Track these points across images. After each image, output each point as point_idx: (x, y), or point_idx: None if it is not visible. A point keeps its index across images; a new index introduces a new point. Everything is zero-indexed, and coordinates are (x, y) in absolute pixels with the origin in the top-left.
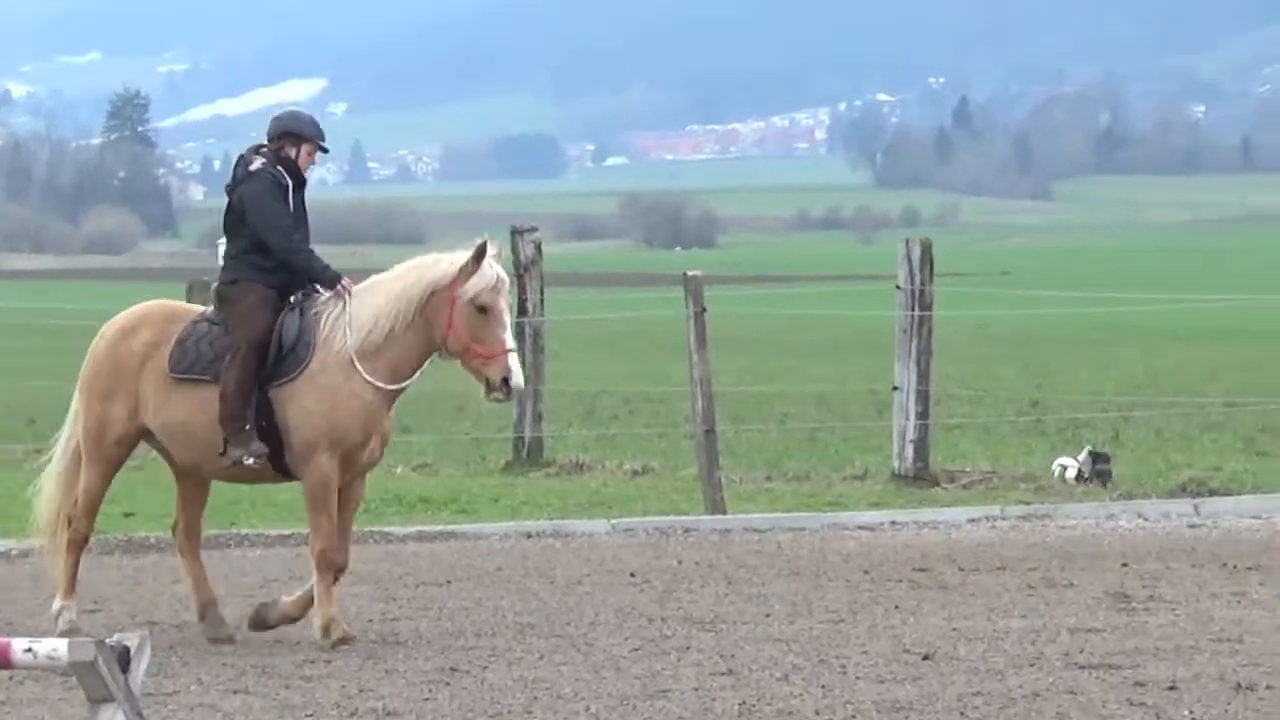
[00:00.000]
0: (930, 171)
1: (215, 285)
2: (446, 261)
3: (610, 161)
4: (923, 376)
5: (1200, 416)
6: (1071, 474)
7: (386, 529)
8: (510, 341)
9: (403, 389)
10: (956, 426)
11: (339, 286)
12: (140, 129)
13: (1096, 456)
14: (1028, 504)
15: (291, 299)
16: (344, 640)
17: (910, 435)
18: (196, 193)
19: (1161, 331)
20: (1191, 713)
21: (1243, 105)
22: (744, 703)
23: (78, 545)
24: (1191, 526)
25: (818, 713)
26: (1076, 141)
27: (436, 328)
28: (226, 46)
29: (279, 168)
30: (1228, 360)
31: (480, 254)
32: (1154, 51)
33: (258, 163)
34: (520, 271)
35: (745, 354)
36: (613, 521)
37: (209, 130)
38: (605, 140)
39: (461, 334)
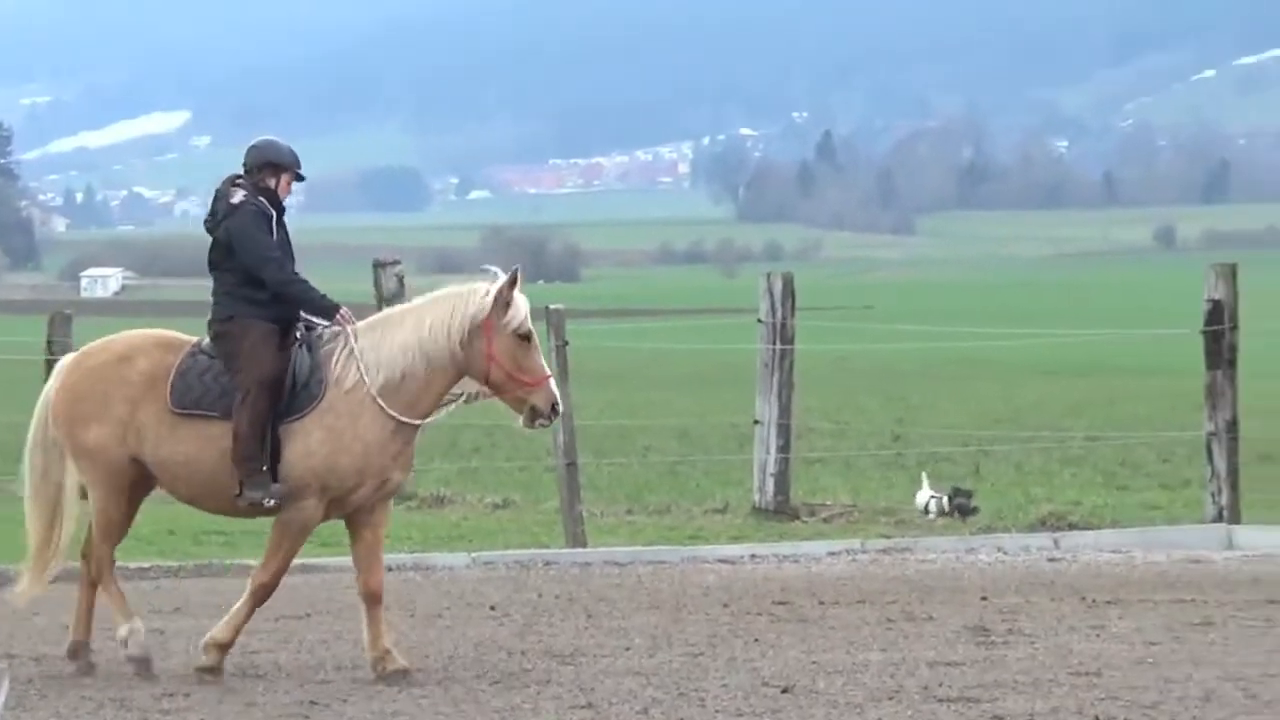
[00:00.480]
0: (793, 205)
1: (210, 320)
2: (481, 293)
3: (473, 195)
4: (784, 410)
5: (1061, 451)
6: (924, 498)
7: (246, 562)
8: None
9: (426, 423)
10: (818, 460)
11: (339, 316)
12: (2, 161)
13: (957, 491)
14: (888, 537)
15: (297, 334)
16: (211, 670)
17: (771, 469)
18: (59, 225)
19: (1023, 366)
20: None
21: (1105, 140)
22: None
23: (104, 573)
24: (1051, 560)
25: None
26: (939, 176)
27: (475, 361)
28: (89, 79)
29: (260, 198)
30: (1089, 395)
31: (514, 282)
32: (1017, 85)
33: (239, 195)
34: (384, 303)
35: (608, 387)
36: (473, 554)
37: (72, 163)
38: (468, 174)
39: (505, 364)
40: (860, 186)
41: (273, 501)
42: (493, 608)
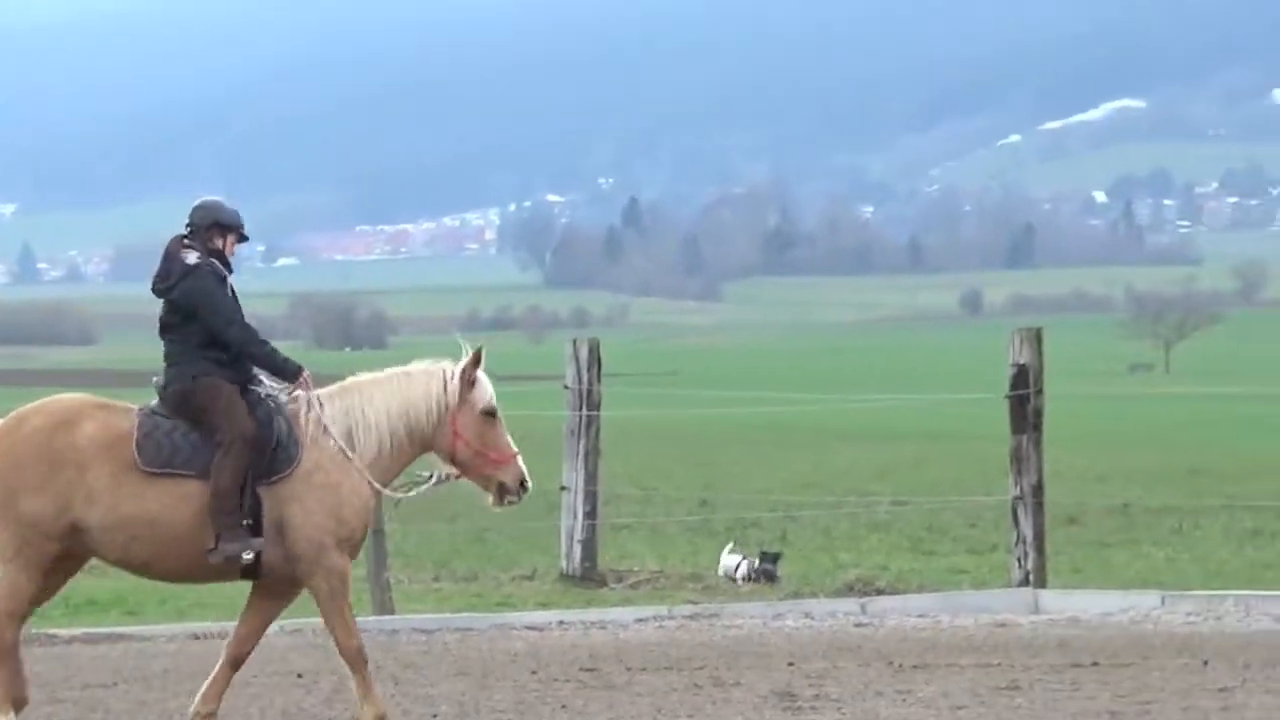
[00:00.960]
0: (600, 272)
1: (167, 382)
2: (448, 372)
3: (281, 262)
4: (590, 476)
5: (868, 515)
6: (730, 564)
7: (52, 631)
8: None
9: (387, 495)
10: (625, 526)
11: (301, 380)
12: None
13: (764, 556)
14: (695, 603)
15: (262, 393)
16: None
17: (578, 535)
18: None
19: (831, 431)
20: None
21: (911, 205)
22: None
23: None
24: (858, 625)
25: None
26: (745, 242)
27: (441, 438)
28: None
29: (212, 259)
30: (896, 460)
31: (478, 360)
32: (822, 151)
33: (193, 256)
34: None
35: None
36: (281, 623)
37: None
38: (276, 241)
39: (472, 442)
40: (667, 253)
41: (250, 555)
42: (300, 675)
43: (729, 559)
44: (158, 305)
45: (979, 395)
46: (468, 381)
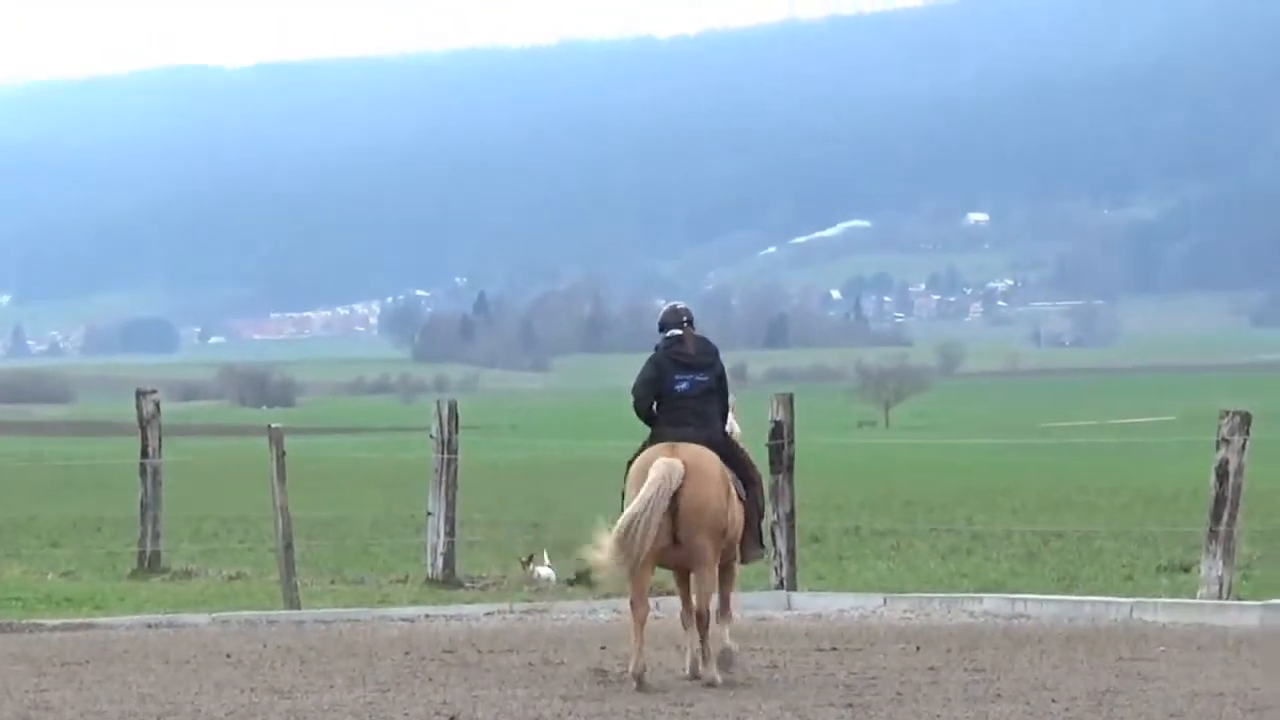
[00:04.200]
0: (457, 349)
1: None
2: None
3: (213, 340)
4: (450, 504)
5: None
6: (543, 574)
7: (39, 620)
8: None
9: None
10: (476, 542)
11: None
12: None
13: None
14: (530, 601)
15: None
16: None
17: (440, 549)
18: None
19: (619, 469)
20: None
21: (692, 298)
22: None
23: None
24: (655, 618)
25: None
26: (568, 326)
27: None
28: None
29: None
30: None
31: None
32: (625, 257)
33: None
34: (144, 424)
35: (317, 487)
36: (213, 615)
37: None
38: (209, 324)
39: None
40: (508, 334)
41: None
42: (229, 655)
43: (544, 570)
44: (120, 372)
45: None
46: None
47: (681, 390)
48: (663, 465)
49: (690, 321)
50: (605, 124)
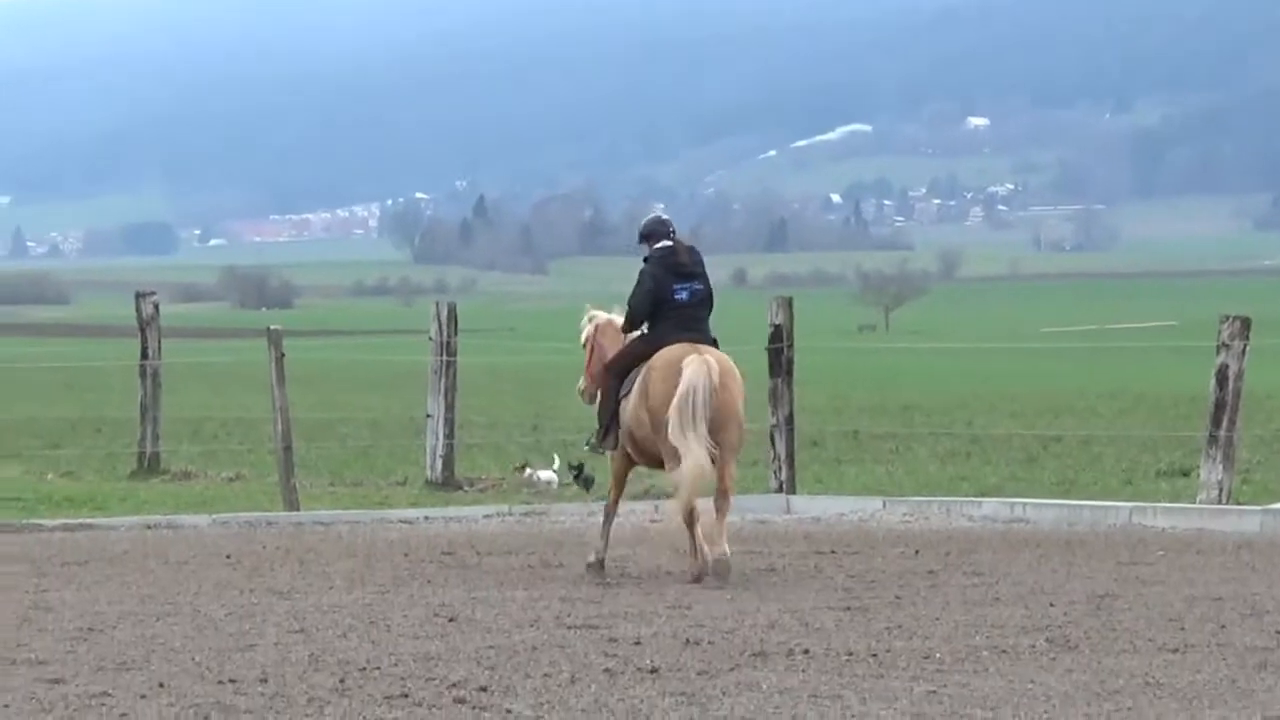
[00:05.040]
0: (456, 252)
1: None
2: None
3: (212, 243)
4: (449, 407)
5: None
6: (543, 477)
7: (39, 521)
8: None
9: None
10: (475, 445)
11: None
12: None
13: (579, 467)
14: (529, 504)
15: None
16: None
17: (440, 452)
18: None
19: None
20: (652, 662)
21: (692, 204)
22: (312, 654)
23: None
24: (653, 521)
25: (369, 662)
26: (567, 231)
27: None
28: None
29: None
30: None
31: None
32: (624, 162)
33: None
34: (143, 326)
35: (316, 389)
36: (213, 516)
37: None
38: (208, 226)
39: None
40: (507, 238)
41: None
42: (228, 556)
43: (544, 473)
44: (120, 275)
45: (745, 348)
46: None
47: (681, 300)
48: (699, 361)
49: (674, 231)
50: (604, 28)
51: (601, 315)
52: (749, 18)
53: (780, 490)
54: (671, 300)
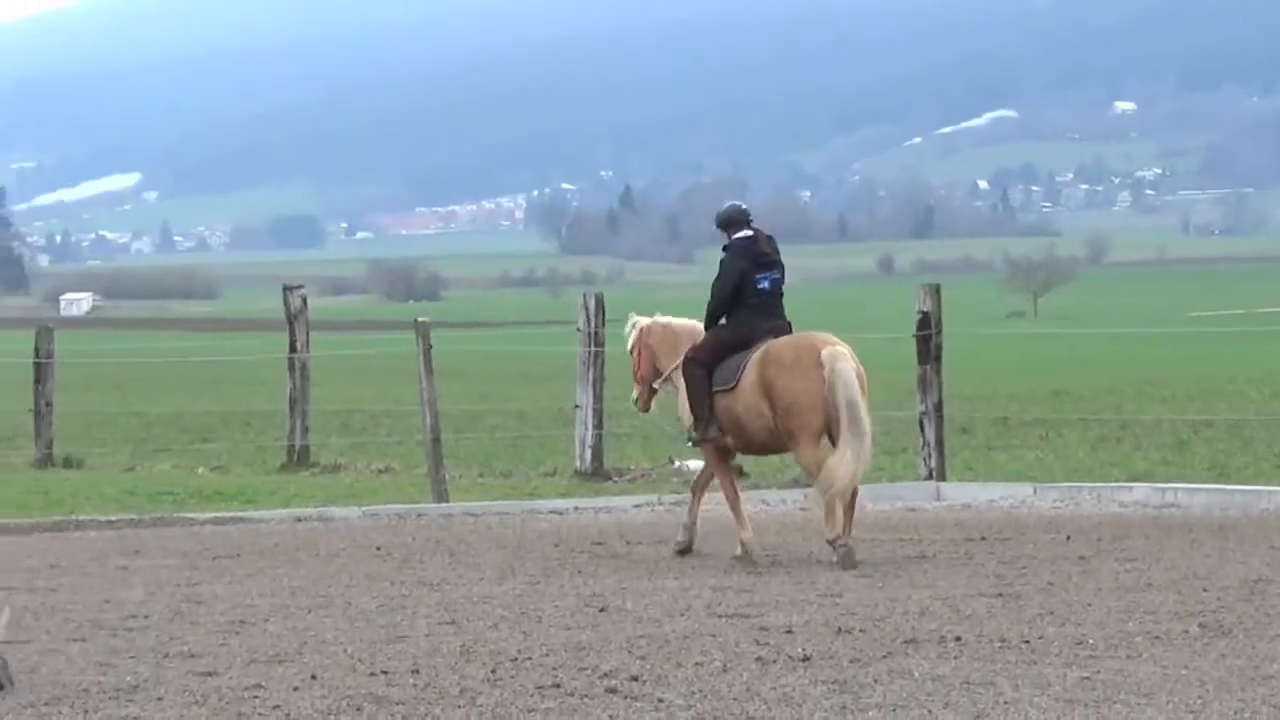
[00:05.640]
0: (603, 242)
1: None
2: None
3: (359, 235)
4: (598, 397)
5: None
6: (692, 466)
7: (190, 515)
8: None
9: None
10: (624, 435)
11: None
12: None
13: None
14: (678, 493)
15: None
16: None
17: (589, 442)
18: (42, 260)
19: None
20: (803, 650)
21: (839, 192)
22: (464, 645)
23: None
24: (802, 510)
25: (520, 652)
26: (711, 219)
27: None
28: (63, 149)
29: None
30: None
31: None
32: (769, 150)
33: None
34: (291, 319)
35: (464, 381)
36: (363, 508)
37: (52, 212)
38: (355, 219)
39: None
40: (653, 228)
41: None
42: (378, 548)
43: (693, 463)
44: (267, 268)
45: (893, 335)
46: None
47: (764, 288)
48: (845, 356)
49: (753, 220)
50: (750, 17)
51: (644, 320)
52: (894, 3)
53: (930, 477)
54: (754, 289)
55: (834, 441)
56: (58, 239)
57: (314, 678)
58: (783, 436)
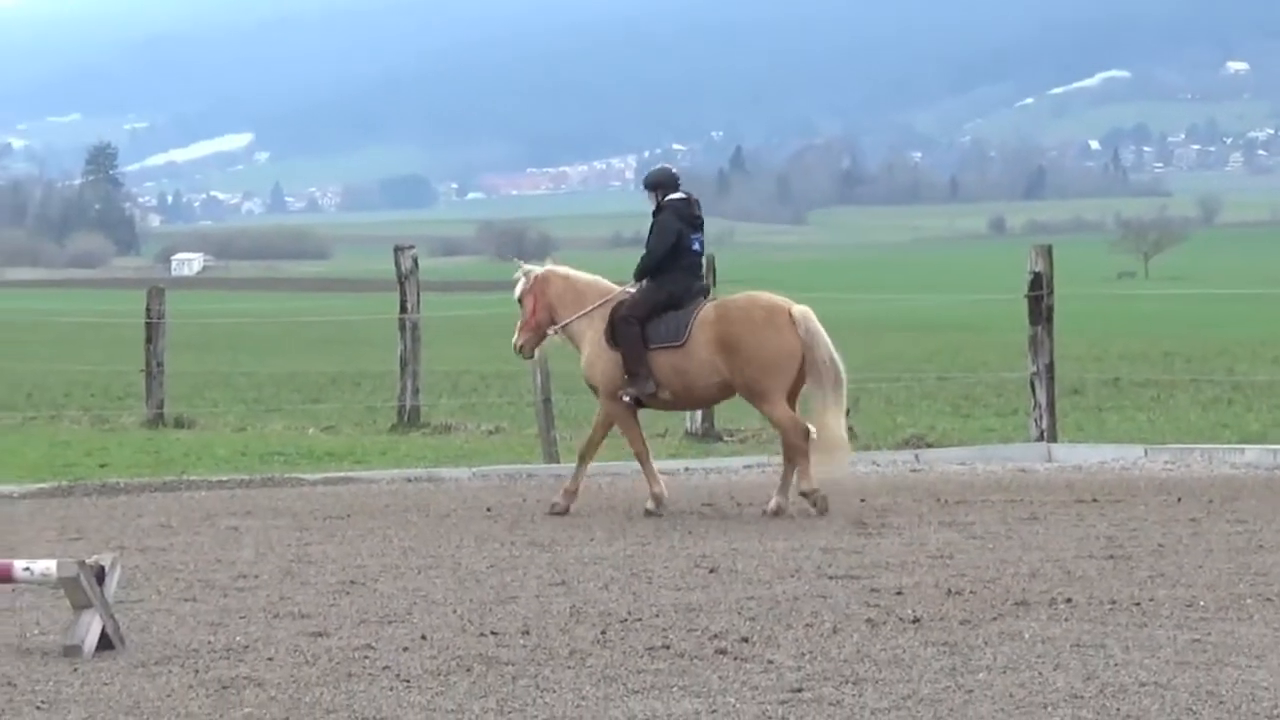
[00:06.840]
0: (712, 203)
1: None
2: None
3: (470, 196)
4: None
5: (919, 388)
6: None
7: (301, 475)
8: None
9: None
10: None
11: None
12: (111, 172)
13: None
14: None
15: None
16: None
17: None
18: (154, 221)
19: (885, 324)
20: (913, 612)
21: (950, 152)
22: (574, 606)
23: None
24: (913, 471)
25: (630, 613)
26: (823, 180)
27: None
28: (176, 109)
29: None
30: (940, 345)
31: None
32: (881, 110)
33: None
34: (402, 279)
35: None
36: (473, 469)
37: (163, 173)
38: (466, 180)
39: None
40: (763, 189)
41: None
42: (489, 509)
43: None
44: (378, 229)
45: (1004, 296)
46: None
47: (696, 250)
48: (810, 312)
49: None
50: None
51: (537, 269)
52: None
53: (1041, 439)
54: (689, 250)
55: (797, 398)
56: (169, 199)
57: (424, 638)
58: (749, 394)
